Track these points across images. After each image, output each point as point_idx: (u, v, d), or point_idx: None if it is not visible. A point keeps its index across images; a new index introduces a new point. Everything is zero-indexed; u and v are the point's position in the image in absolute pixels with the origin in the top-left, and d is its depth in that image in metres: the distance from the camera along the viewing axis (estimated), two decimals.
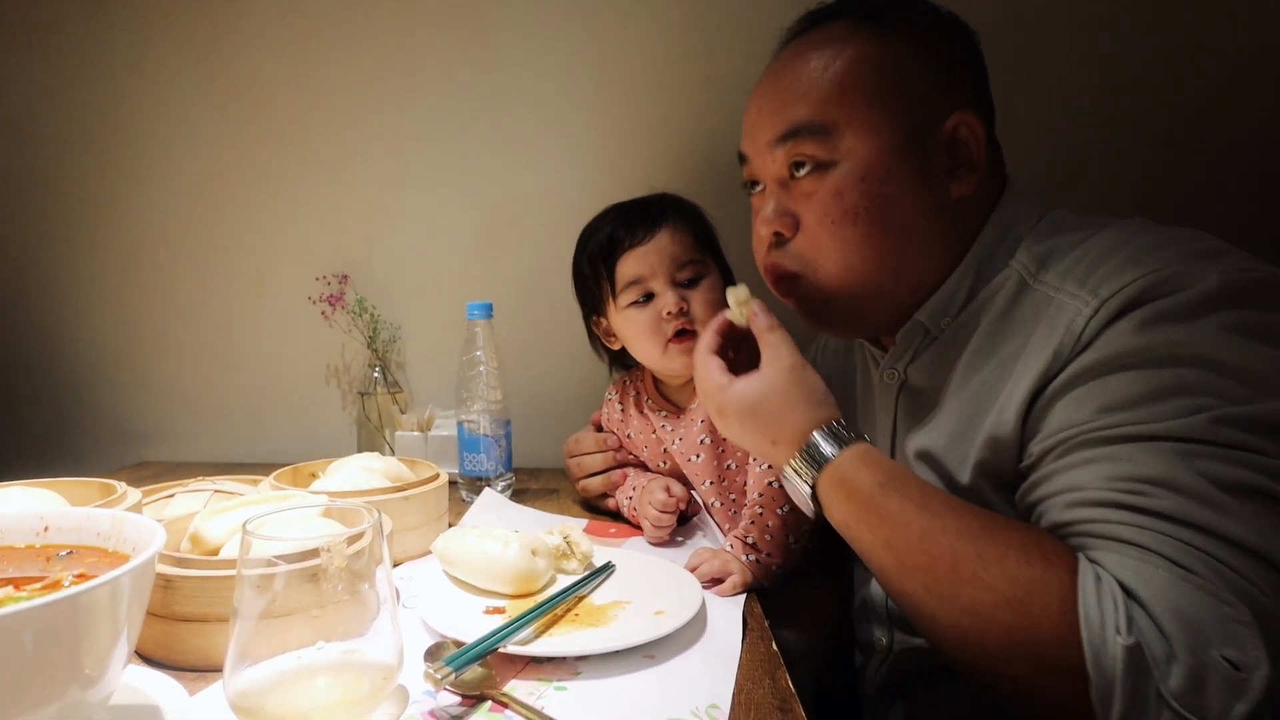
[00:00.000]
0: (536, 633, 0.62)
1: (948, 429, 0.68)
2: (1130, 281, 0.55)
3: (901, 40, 0.68)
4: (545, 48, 1.24)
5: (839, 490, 0.62)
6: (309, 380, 1.34)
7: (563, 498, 1.10)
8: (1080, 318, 0.57)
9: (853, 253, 0.68)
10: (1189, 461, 0.50)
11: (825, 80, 0.68)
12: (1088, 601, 0.48)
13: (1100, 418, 0.54)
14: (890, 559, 0.58)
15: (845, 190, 0.67)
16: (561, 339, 1.29)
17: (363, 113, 1.28)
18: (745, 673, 0.57)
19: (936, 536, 0.55)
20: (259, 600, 0.46)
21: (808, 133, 0.68)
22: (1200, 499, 0.49)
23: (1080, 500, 0.54)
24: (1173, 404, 0.51)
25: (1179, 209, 1.15)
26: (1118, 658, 0.46)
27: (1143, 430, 0.52)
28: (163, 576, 0.55)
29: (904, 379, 0.75)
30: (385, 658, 0.49)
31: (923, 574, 0.55)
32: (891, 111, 0.67)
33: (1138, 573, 0.49)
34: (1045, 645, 0.49)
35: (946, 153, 0.68)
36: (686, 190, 0.95)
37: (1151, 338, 0.53)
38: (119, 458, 1.37)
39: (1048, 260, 0.64)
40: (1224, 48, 1.12)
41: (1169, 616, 0.46)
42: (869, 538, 0.60)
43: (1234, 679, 0.45)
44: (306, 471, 0.91)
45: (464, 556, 0.70)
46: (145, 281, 1.35)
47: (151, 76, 1.31)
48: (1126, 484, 0.51)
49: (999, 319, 0.66)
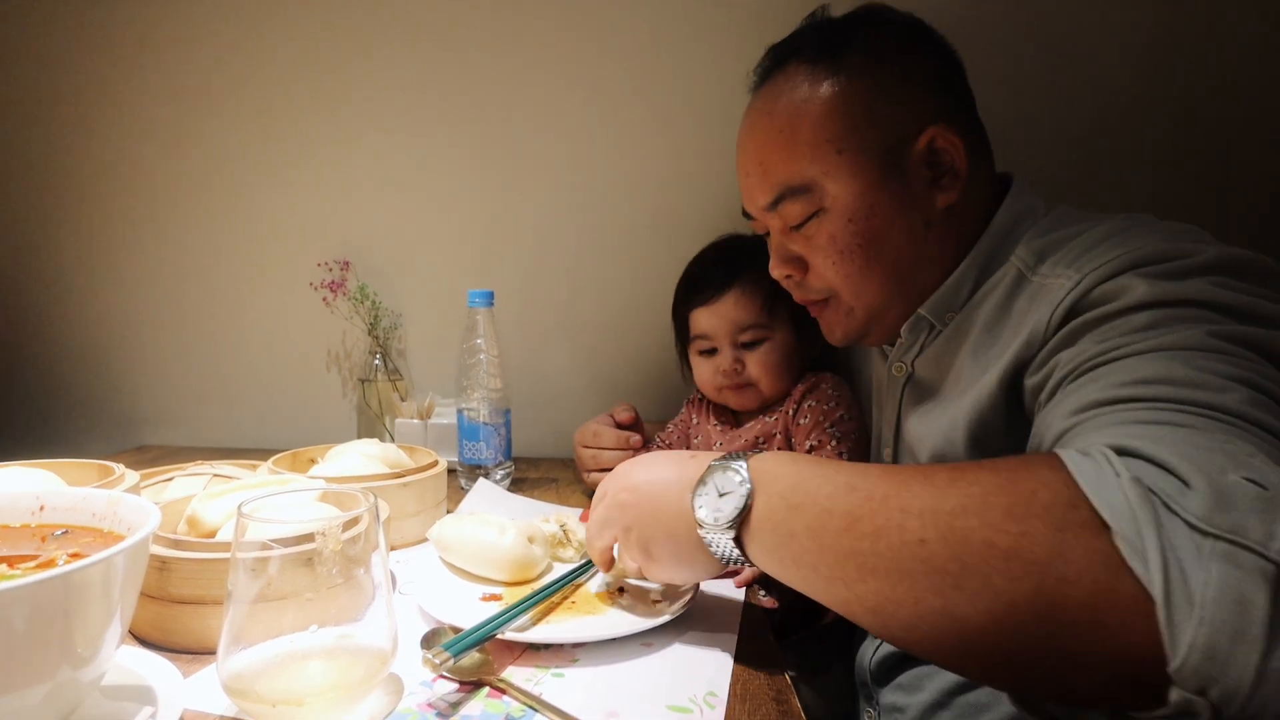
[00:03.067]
0: (533, 620, 0.62)
1: (945, 416, 0.70)
2: (1116, 256, 0.56)
3: (859, 75, 0.70)
4: (553, 34, 1.23)
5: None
6: (310, 366, 1.34)
7: (562, 487, 1.09)
8: (1060, 291, 0.58)
9: (860, 282, 0.72)
10: (1191, 360, 0.48)
11: (794, 140, 0.71)
12: (1076, 461, 0.42)
13: (1101, 344, 0.53)
14: (854, 502, 0.48)
15: (837, 234, 0.71)
16: (563, 328, 1.29)
17: (366, 97, 1.28)
18: (742, 661, 0.57)
19: (898, 470, 0.49)
20: (253, 584, 0.46)
21: (790, 195, 0.72)
22: (1197, 385, 0.46)
23: (1079, 406, 0.51)
24: (1176, 328, 0.51)
25: (1186, 209, 1.14)
26: (1127, 492, 0.39)
27: (1148, 345, 0.50)
28: (158, 558, 0.55)
29: (910, 371, 0.77)
30: (379, 643, 0.49)
31: (897, 493, 0.46)
32: (863, 151, 0.69)
33: (1129, 434, 0.44)
34: (1053, 509, 0.41)
35: (926, 165, 0.70)
36: (698, 179, 0.94)
37: (1155, 288, 0.53)
38: (118, 442, 1.37)
39: (1045, 253, 0.65)
40: (1235, 42, 1.10)
41: (1169, 454, 0.41)
42: (817, 505, 0.50)
43: (1263, 496, 0.38)
44: (305, 457, 0.91)
45: (460, 543, 0.70)
46: (145, 265, 1.35)
47: (154, 60, 1.30)
48: (1125, 385, 0.49)
49: (996, 311, 0.67)
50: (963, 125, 0.71)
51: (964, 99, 0.74)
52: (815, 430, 0.89)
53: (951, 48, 0.74)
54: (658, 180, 1.24)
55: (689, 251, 1.01)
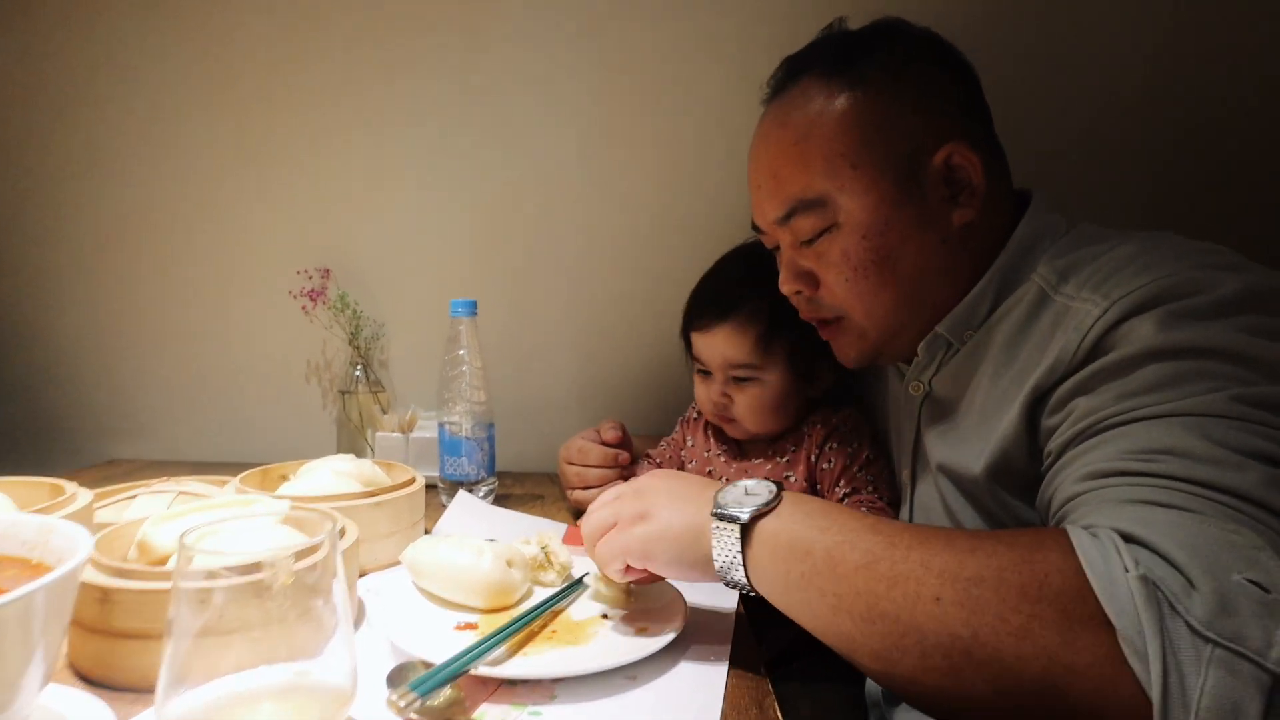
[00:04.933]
0: (510, 651, 0.58)
1: (965, 439, 0.68)
2: (1143, 284, 0.55)
3: (875, 89, 0.68)
4: (540, 38, 1.20)
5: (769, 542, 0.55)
6: (288, 378, 1.30)
7: (547, 503, 1.05)
8: (1089, 318, 0.57)
9: (873, 301, 0.71)
10: (1204, 431, 0.48)
11: (808, 152, 0.69)
12: (1086, 549, 0.43)
13: (1119, 403, 0.53)
14: (877, 544, 0.50)
15: (850, 250, 0.69)
16: (551, 339, 1.26)
17: (347, 101, 1.24)
18: (731, 699, 0.53)
19: (915, 530, 0.50)
20: (197, 617, 0.42)
21: (803, 209, 0.70)
22: (1210, 461, 0.46)
23: (1089, 473, 0.51)
24: (1191, 386, 0.50)
25: (1207, 219, 1.12)
26: (1134, 591, 0.40)
27: (1160, 410, 0.50)
28: (99, 588, 0.51)
29: (928, 390, 0.75)
30: (338, 681, 0.45)
31: (920, 547, 0.48)
32: (878, 166, 0.67)
33: (1138, 520, 0.44)
34: (1063, 598, 0.42)
35: (944, 182, 0.68)
36: (696, 188, 0.91)
37: (1173, 334, 0.52)
38: (88, 456, 1.32)
39: (1068, 272, 0.63)
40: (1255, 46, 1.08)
41: (1176, 549, 0.41)
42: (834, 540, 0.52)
43: (1266, 600, 0.39)
44: (276, 473, 0.86)
45: (434, 567, 0.66)
46: (118, 272, 1.31)
47: (127, 61, 1.26)
48: (1138, 455, 0.49)
49: (1018, 330, 0.65)
50: (980, 141, 0.70)
51: (981, 114, 0.72)
52: (844, 476, 0.85)
53: (968, 62, 0.72)
54: (653, 188, 1.21)
55: (684, 261, 0.97)
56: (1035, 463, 0.61)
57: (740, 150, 0.78)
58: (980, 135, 0.71)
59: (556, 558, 0.71)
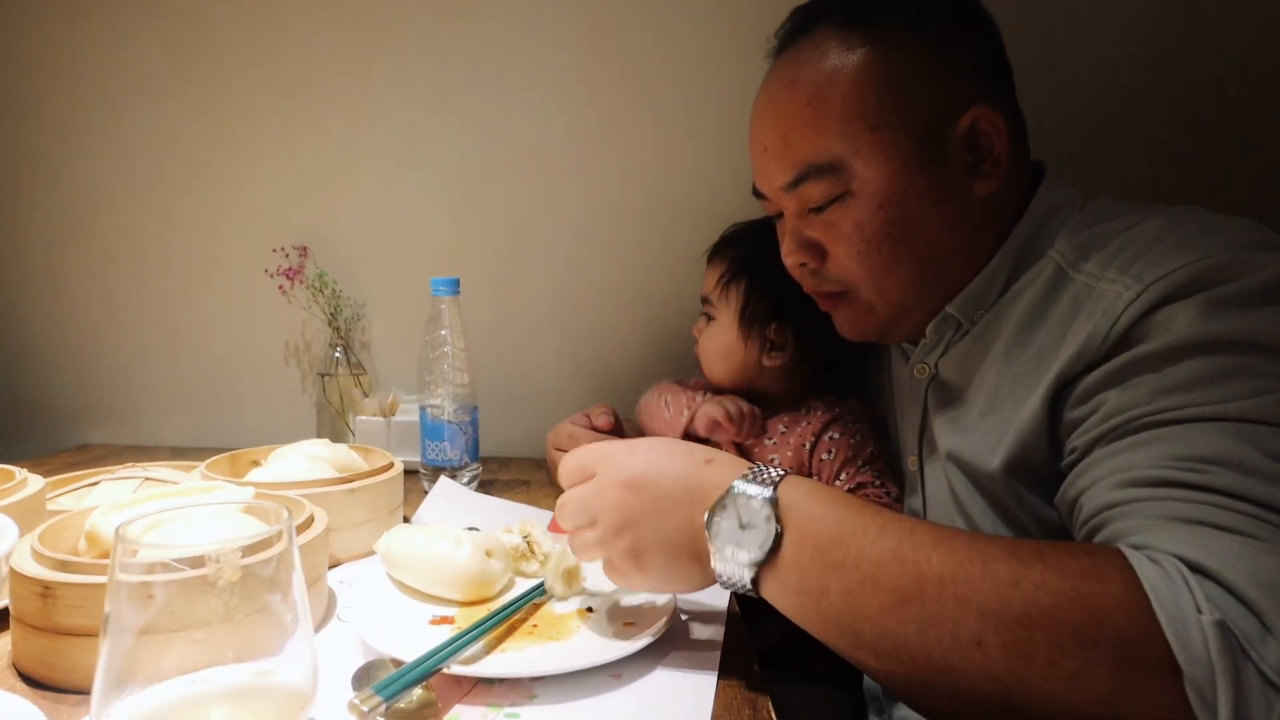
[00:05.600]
0: (488, 648, 0.54)
1: (979, 425, 0.64)
2: (1180, 266, 0.51)
3: (897, 44, 0.62)
4: (519, 14, 1.15)
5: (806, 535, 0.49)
6: (266, 360, 1.25)
7: (534, 490, 1.02)
8: (1120, 301, 0.52)
9: (885, 277, 0.66)
10: (1255, 440, 0.44)
11: (822, 113, 0.64)
12: (1153, 581, 0.39)
13: (1156, 400, 0.49)
14: (904, 579, 0.44)
15: (865, 221, 0.64)
16: (539, 319, 1.22)
17: (325, 73, 1.19)
18: (723, 699, 0.50)
19: (951, 542, 0.44)
20: (138, 614, 0.38)
21: (815, 174, 0.65)
22: (1267, 476, 0.43)
23: (1131, 480, 0.47)
24: (1236, 386, 0.46)
25: (1224, 199, 1.08)
26: (1208, 636, 0.37)
27: (1204, 412, 0.46)
28: (40, 582, 0.47)
29: (935, 372, 0.71)
30: (297, 682, 0.42)
31: (954, 579, 0.42)
32: (898, 129, 0.62)
33: (1202, 547, 0.41)
34: (1125, 639, 0.38)
35: (966, 150, 0.63)
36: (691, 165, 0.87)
37: (1213, 324, 0.48)
38: (57, 440, 1.28)
39: (1088, 248, 0.58)
40: None
41: (1250, 586, 0.38)
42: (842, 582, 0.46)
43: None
44: (247, 459, 0.83)
45: (410, 558, 0.62)
46: (87, 249, 1.25)
47: (98, 39, 1.21)
48: (1185, 463, 0.45)
49: (1034, 311, 0.61)
50: (1005, 106, 0.65)
51: (1005, 77, 0.67)
52: (849, 468, 0.80)
53: (992, 18, 0.67)
54: (644, 166, 1.17)
55: (678, 239, 0.95)
56: (1056, 458, 0.57)
57: (733, 128, 0.74)
58: (1005, 100, 0.66)
59: (539, 547, 0.67)
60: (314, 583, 0.59)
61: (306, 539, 0.58)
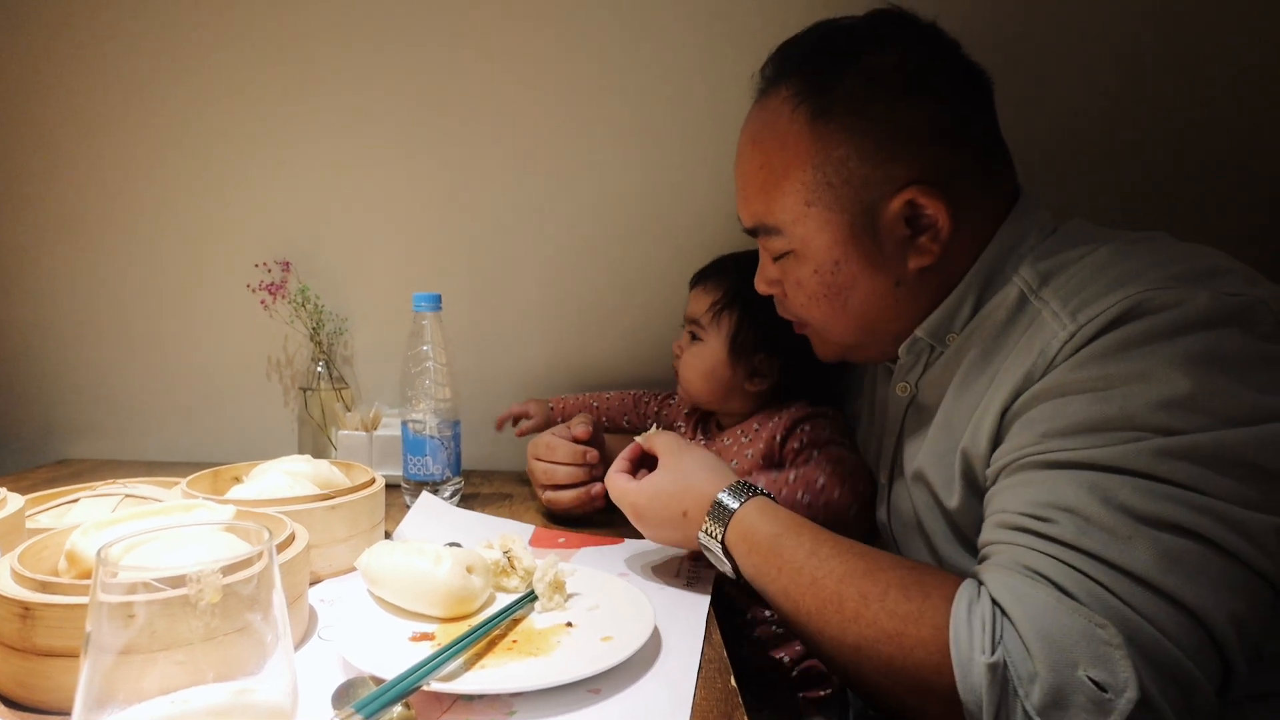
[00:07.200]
0: (467, 664, 0.55)
1: (939, 446, 0.66)
2: (1110, 306, 0.53)
3: (838, 124, 0.65)
4: (515, 23, 1.16)
5: (744, 542, 0.65)
6: (248, 374, 1.25)
7: (515, 503, 1.02)
8: (1055, 340, 0.56)
9: (828, 324, 0.73)
10: (1110, 491, 0.49)
11: (769, 181, 0.69)
12: (958, 626, 0.50)
13: (1042, 442, 0.54)
14: (789, 606, 0.60)
15: (804, 280, 0.71)
16: (517, 333, 1.22)
17: (308, 89, 1.19)
18: (700, 712, 0.51)
19: (824, 581, 0.58)
20: (119, 634, 0.39)
21: (764, 232, 0.72)
22: (1104, 528, 0.48)
23: (999, 523, 0.54)
24: (1114, 434, 0.50)
25: (1207, 219, 1.11)
26: (982, 675, 0.47)
27: (1074, 457, 0.51)
28: (20, 603, 0.47)
29: (915, 392, 0.73)
30: (276, 700, 0.42)
31: (816, 618, 0.58)
32: (831, 206, 0.67)
33: (1016, 592, 0.49)
34: (923, 673, 0.51)
35: (905, 223, 0.66)
36: (675, 182, 0.88)
37: (1108, 366, 0.52)
38: (37, 455, 1.26)
39: (1050, 276, 0.61)
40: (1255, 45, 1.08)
41: (1035, 636, 0.47)
42: (772, 588, 0.62)
43: (1099, 699, 0.45)
44: (228, 475, 0.83)
45: (390, 574, 0.63)
46: (67, 262, 1.25)
47: (80, 51, 1.20)
48: (1039, 509, 0.51)
49: (995, 335, 0.64)
50: (957, 174, 0.65)
51: (969, 139, 0.66)
52: (807, 451, 0.86)
53: (973, 68, 0.68)
54: (626, 180, 1.18)
55: (659, 256, 0.97)
56: None
57: (718, 143, 0.76)
58: (960, 164, 0.65)
59: (520, 563, 0.68)
60: (295, 601, 0.59)
61: (287, 557, 0.59)
